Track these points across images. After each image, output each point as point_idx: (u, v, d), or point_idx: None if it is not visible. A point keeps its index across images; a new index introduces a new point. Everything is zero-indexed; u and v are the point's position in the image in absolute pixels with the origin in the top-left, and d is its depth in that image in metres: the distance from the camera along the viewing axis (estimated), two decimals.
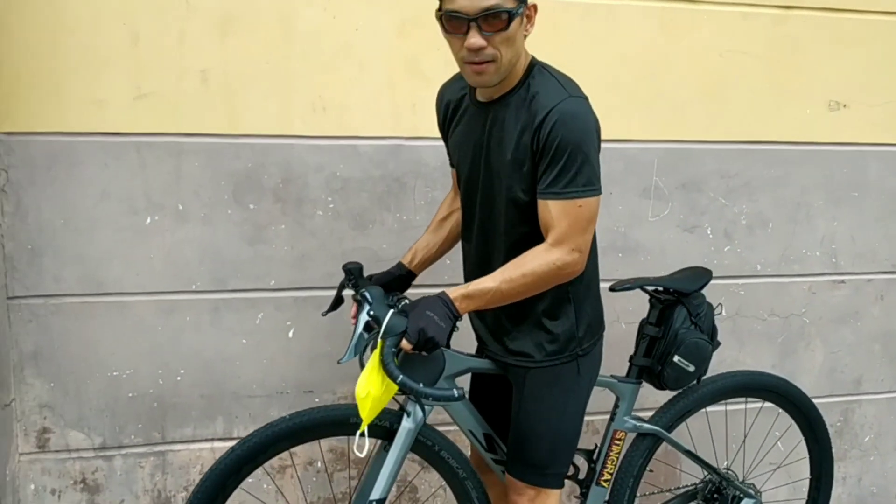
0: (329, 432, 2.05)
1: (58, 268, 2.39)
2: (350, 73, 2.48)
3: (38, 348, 2.42)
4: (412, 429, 2.00)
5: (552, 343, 1.98)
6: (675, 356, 2.20)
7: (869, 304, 3.05)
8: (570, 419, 2.04)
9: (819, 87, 2.84)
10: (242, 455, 1.96)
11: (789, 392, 2.54)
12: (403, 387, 1.75)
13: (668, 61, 2.70)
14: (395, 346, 1.80)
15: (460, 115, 2.02)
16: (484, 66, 1.77)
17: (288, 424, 1.99)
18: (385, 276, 2.16)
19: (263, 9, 2.39)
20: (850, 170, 2.93)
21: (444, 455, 2.08)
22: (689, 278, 2.32)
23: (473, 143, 1.96)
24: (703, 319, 2.24)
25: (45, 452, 2.48)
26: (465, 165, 2.01)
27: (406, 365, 1.81)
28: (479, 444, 2.16)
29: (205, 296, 2.50)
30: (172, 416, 2.54)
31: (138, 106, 2.36)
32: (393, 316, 1.83)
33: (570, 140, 1.76)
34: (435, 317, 1.78)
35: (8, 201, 2.33)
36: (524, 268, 1.82)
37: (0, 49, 2.25)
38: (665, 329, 2.23)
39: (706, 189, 2.81)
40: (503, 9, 1.72)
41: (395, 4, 2.47)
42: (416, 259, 2.19)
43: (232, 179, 2.46)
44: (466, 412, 2.14)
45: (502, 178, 1.89)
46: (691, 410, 2.40)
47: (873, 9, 2.82)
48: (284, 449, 2.01)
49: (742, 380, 2.47)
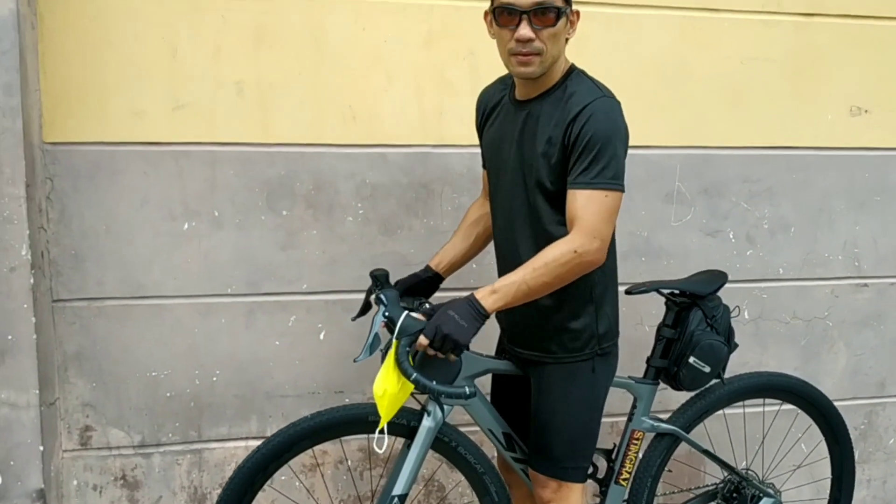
0: (350, 430, 2.13)
1: (100, 272, 2.48)
2: (379, 83, 2.55)
3: (80, 349, 2.51)
4: (432, 427, 2.08)
5: (574, 341, 2.05)
6: (691, 357, 2.25)
7: (892, 307, 3.07)
8: (586, 414, 2.10)
9: (840, 92, 2.87)
10: (268, 454, 2.06)
11: (807, 393, 2.57)
12: (416, 384, 1.82)
13: (691, 69, 2.75)
14: (409, 346, 1.87)
15: (497, 113, 2.12)
16: (530, 57, 1.89)
17: (310, 423, 2.08)
18: (411, 279, 2.24)
19: (296, 22, 2.48)
20: (872, 174, 2.95)
21: (462, 451, 2.16)
22: (704, 281, 2.37)
23: (507, 138, 2.05)
24: (718, 321, 2.29)
25: (87, 449, 2.57)
26: (496, 161, 2.10)
27: (424, 365, 1.89)
28: (498, 443, 2.22)
29: (239, 299, 2.59)
30: (208, 415, 2.63)
31: (176, 117, 2.45)
32: (407, 317, 1.91)
33: (601, 134, 1.86)
34: (456, 316, 1.84)
35: (53, 209, 2.43)
36: (546, 257, 1.88)
37: (46, 63, 2.35)
38: (681, 331, 2.28)
39: (728, 194, 2.85)
40: (553, 5, 1.86)
41: (422, 17, 2.54)
42: (443, 263, 2.26)
43: (265, 186, 2.54)
44: (485, 411, 2.21)
45: (532, 171, 1.97)
46: (709, 411, 2.44)
47: (893, 15, 2.85)
48: (308, 447, 2.10)
49: (759, 381, 2.51)
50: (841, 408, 2.67)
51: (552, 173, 1.94)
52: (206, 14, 2.42)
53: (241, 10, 2.44)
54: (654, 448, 2.39)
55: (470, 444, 2.18)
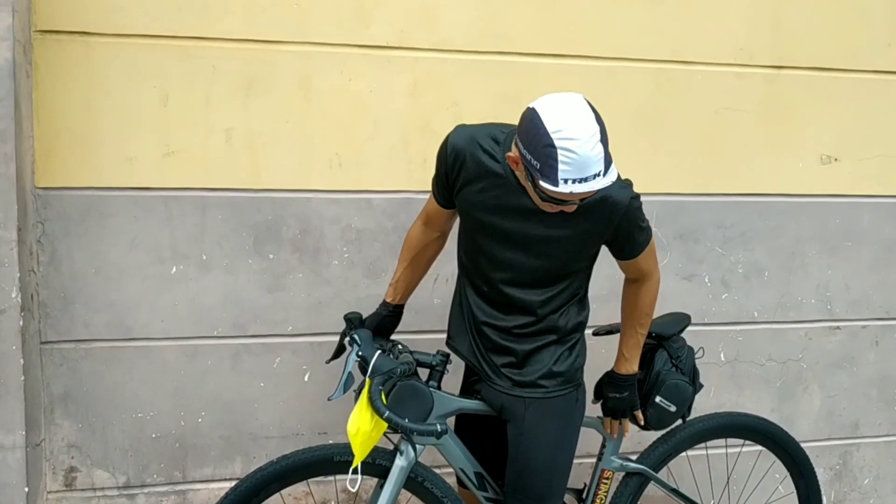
0: (316, 472, 2.16)
1: (88, 314, 2.52)
2: (365, 131, 2.63)
3: (67, 390, 2.54)
4: (405, 466, 2.13)
5: (562, 374, 2.12)
6: (657, 397, 2.32)
7: (864, 350, 3.15)
8: (568, 450, 2.18)
9: (811, 141, 2.97)
10: (236, 500, 2.09)
11: (770, 431, 2.62)
12: (389, 422, 1.90)
13: (666, 118, 2.84)
14: (382, 385, 1.94)
15: (488, 181, 2.03)
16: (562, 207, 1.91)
17: (276, 467, 2.12)
18: (375, 319, 2.30)
19: (284, 72, 2.55)
20: (843, 220, 3.05)
21: (428, 486, 2.20)
22: (668, 323, 2.44)
23: (510, 213, 2.02)
24: (683, 362, 2.37)
25: (71, 491, 2.59)
26: (493, 227, 2.06)
27: (395, 404, 1.96)
28: (470, 483, 2.27)
29: (226, 341, 2.63)
30: (193, 456, 2.65)
31: (167, 163, 2.51)
32: (380, 356, 2.00)
33: (640, 218, 2.08)
34: (617, 395, 2.28)
35: (43, 252, 2.47)
36: (646, 307, 2.23)
37: (40, 110, 2.41)
38: (647, 371, 2.35)
39: (703, 239, 2.94)
40: None
41: (407, 68, 2.62)
42: (398, 294, 2.32)
43: (253, 231, 2.60)
44: (456, 451, 2.25)
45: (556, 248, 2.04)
46: (676, 451, 2.50)
47: (861, 68, 2.97)
48: (276, 491, 2.14)
49: (723, 421, 2.57)
50: (816, 448, 2.73)
51: (584, 251, 2.10)
52: (198, 63, 2.49)
53: (232, 59, 2.51)
54: (623, 487, 2.44)
55: (435, 477, 2.22)
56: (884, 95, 3.01)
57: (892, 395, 3.21)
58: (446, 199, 2.17)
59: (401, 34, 2.60)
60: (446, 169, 2.11)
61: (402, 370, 2.01)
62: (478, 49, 2.64)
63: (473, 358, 2.21)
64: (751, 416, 2.66)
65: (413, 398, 2.00)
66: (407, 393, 2.00)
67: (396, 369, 2.00)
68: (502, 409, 2.18)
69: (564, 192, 1.78)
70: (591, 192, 1.81)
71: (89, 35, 2.41)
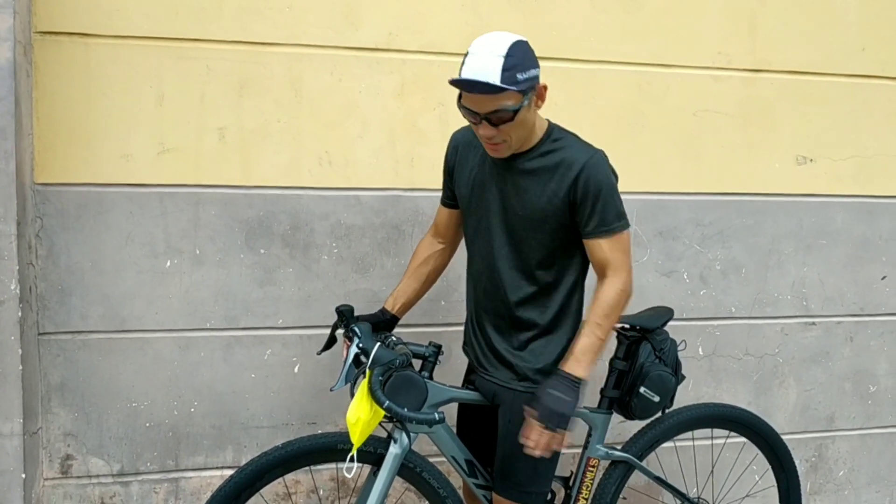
0: (319, 459, 2.23)
1: (85, 306, 2.60)
2: (354, 130, 2.71)
3: (64, 380, 2.62)
4: (399, 454, 2.20)
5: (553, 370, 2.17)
6: (641, 388, 2.39)
7: (839, 345, 3.24)
8: None
9: (787, 142, 3.07)
10: (240, 482, 2.15)
11: (752, 423, 2.70)
12: (389, 411, 1.98)
13: (646, 120, 2.93)
14: (382, 375, 2.02)
15: (472, 159, 2.22)
16: (497, 145, 2.04)
17: (281, 452, 2.19)
18: (371, 318, 2.36)
19: (276, 72, 2.63)
20: (818, 219, 3.14)
21: (426, 477, 2.27)
22: (652, 317, 2.52)
23: (488, 186, 2.17)
24: (666, 354, 2.44)
25: (67, 478, 2.66)
26: (477, 205, 2.21)
27: (392, 394, 2.03)
28: (461, 470, 2.35)
29: (218, 333, 2.71)
30: (186, 444, 2.73)
31: (162, 160, 2.59)
32: (380, 348, 2.07)
33: (603, 185, 2.06)
34: (556, 393, 2.00)
35: (41, 246, 2.55)
36: (603, 307, 2.08)
37: (39, 109, 2.49)
38: (631, 363, 2.42)
39: (682, 237, 3.02)
40: (507, 109, 1.95)
41: (395, 70, 2.71)
42: (397, 304, 2.39)
43: (245, 226, 2.68)
44: (448, 439, 2.33)
45: (524, 219, 2.12)
46: (660, 440, 2.57)
47: (836, 72, 3.07)
48: (279, 475, 2.21)
49: (706, 412, 2.65)
50: (792, 441, 2.80)
51: (551, 222, 2.09)
52: (192, 64, 2.57)
53: (225, 60, 2.59)
54: (608, 475, 2.51)
55: (432, 468, 2.29)
56: (857, 98, 3.10)
57: (865, 389, 3.30)
58: (449, 195, 2.32)
59: (389, 37, 2.69)
60: (447, 161, 2.31)
61: (400, 361, 2.09)
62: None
63: (472, 350, 2.33)
64: (735, 407, 2.73)
65: (408, 388, 2.08)
66: (403, 383, 2.08)
67: (396, 360, 2.08)
68: (495, 395, 2.26)
69: (459, 81, 1.93)
70: (479, 93, 1.93)
71: (88, 36, 2.49)
